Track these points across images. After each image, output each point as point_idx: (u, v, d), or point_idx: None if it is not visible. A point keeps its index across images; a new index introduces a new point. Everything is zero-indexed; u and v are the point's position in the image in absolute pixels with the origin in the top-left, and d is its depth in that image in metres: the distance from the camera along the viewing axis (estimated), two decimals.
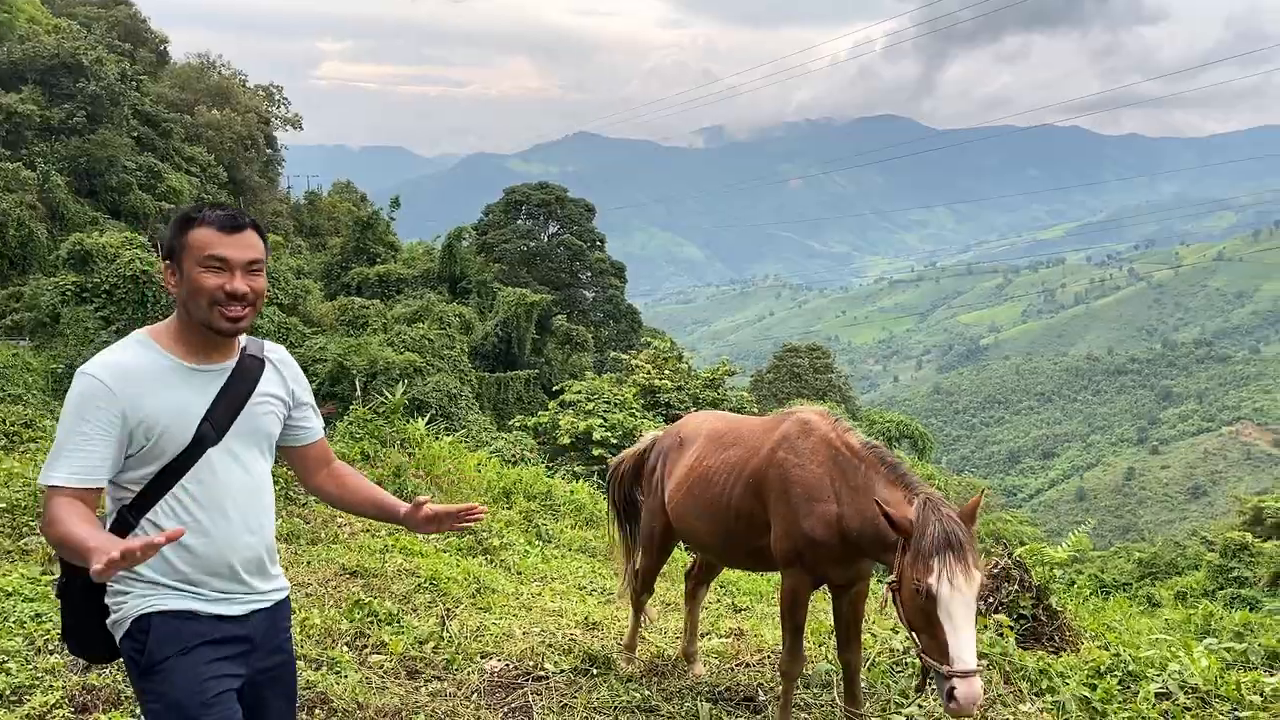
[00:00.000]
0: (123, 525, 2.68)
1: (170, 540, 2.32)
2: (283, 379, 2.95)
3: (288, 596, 2.99)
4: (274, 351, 2.97)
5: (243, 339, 2.86)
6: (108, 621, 2.74)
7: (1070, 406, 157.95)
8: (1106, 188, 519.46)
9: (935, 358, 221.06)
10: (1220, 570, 28.66)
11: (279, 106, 55.83)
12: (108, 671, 4.44)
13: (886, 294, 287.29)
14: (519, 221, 50.94)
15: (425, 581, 6.51)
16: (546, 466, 15.85)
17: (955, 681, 3.45)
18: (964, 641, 3.49)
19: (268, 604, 2.88)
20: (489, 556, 7.87)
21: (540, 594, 6.92)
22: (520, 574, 7.60)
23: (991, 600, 6.13)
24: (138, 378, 2.63)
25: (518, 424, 29.64)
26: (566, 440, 22.93)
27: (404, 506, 3.06)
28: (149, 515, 2.69)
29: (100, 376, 2.59)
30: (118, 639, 2.74)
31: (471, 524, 3.12)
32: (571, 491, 13.01)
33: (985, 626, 5.61)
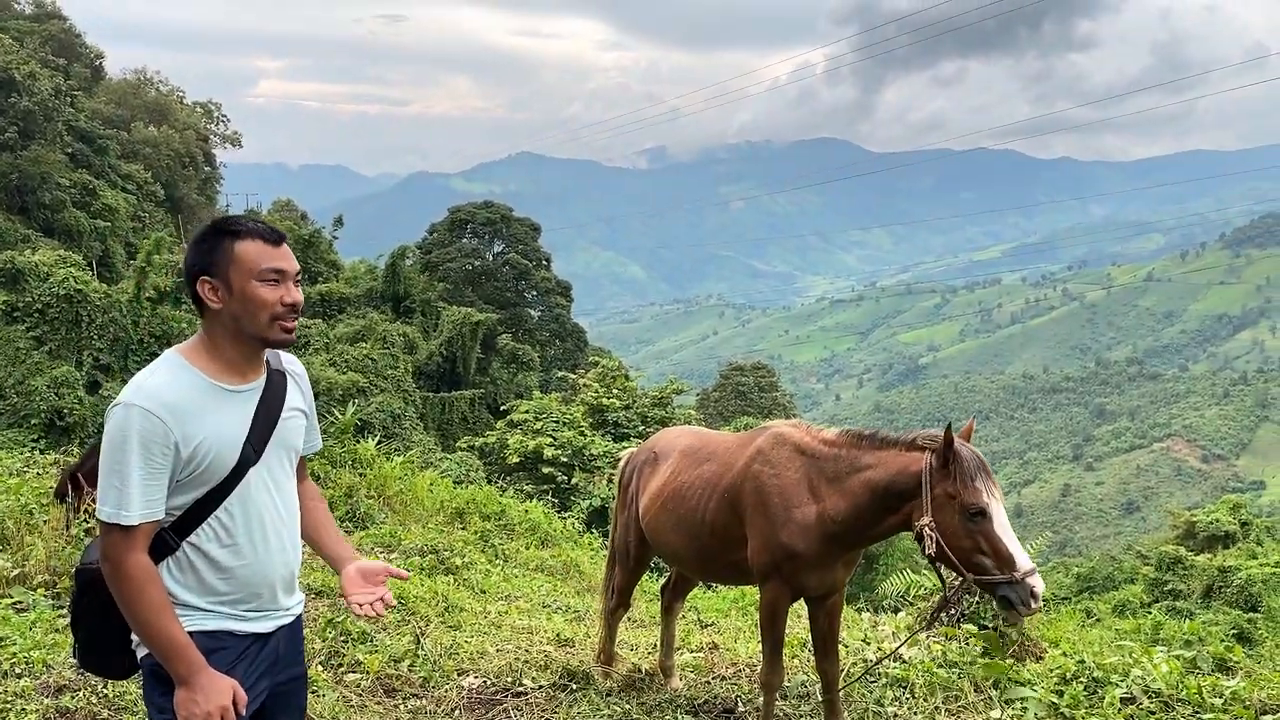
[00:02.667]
0: (162, 547, 2.64)
1: None
2: (301, 391, 2.95)
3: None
4: (290, 363, 2.95)
5: (264, 352, 2.83)
6: (134, 639, 2.70)
7: (1008, 424, 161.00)
8: (1039, 209, 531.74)
9: (876, 376, 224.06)
10: (1156, 583, 29.35)
11: (217, 124, 55.16)
12: (80, 694, 4.33)
13: (828, 313, 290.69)
14: (464, 240, 50.71)
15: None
16: (499, 487, 15.74)
17: (1032, 579, 3.74)
18: (1018, 543, 3.79)
19: (290, 619, 2.88)
20: (453, 576, 7.82)
21: (507, 612, 6.89)
22: (484, 592, 7.57)
23: (954, 612, 6.23)
24: (185, 406, 2.59)
25: (464, 444, 29.45)
26: (515, 459, 22.85)
27: (348, 562, 2.97)
28: (191, 538, 2.66)
29: (153, 409, 2.53)
30: (140, 656, 2.71)
31: (382, 610, 2.93)
32: (526, 511, 12.95)
33: (953, 637, 5.71)
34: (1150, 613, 24.19)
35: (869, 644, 5.73)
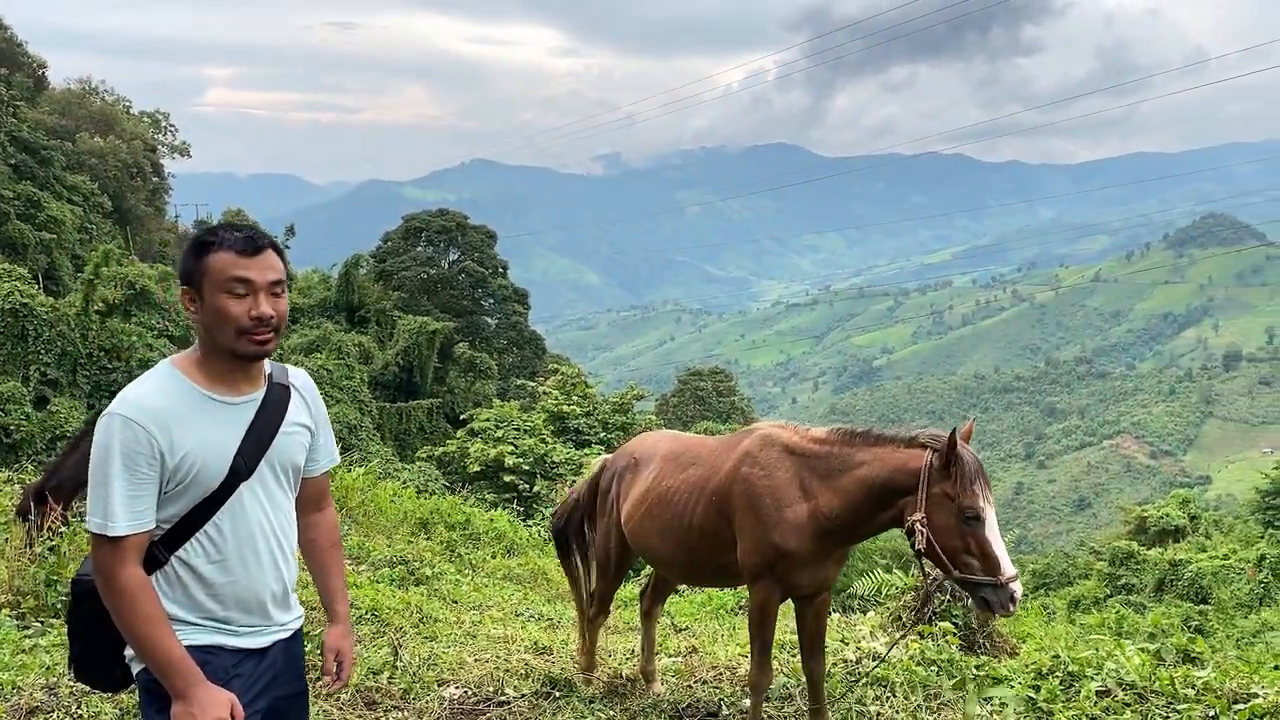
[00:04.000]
0: (150, 561, 2.59)
1: None
2: (307, 406, 2.88)
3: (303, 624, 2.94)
4: (297, 377, 2.89)
5: (267, 365, 2.78)
6: (127, 654, 2.65)
7: (961, 424, 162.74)
8: (988, 212, 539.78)
9: (831, 379, 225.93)
10: (1110, 578, 29.87)
11: (165, 134, 54.32)
12: (53, 715, 4.23)
13: (783, 317, 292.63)
14: (419, 249, 50.30)
15: (366, 612, 6.39)
16: (463, 497, 15.65)
17: (1014, 585, 3.85)
18: (1004, 547, 3.90)
19: (288, 634, 2.83)
20: (424, 586, 7.75)
21: (481, 621, 6.84)
22: (456, 602, 7.51)
23: (925, 610, 6.28)
24: (172, 416, 2.54)
25: (423, 454, 29.22)
26: (476, 468, 22.71)
27: (337, 617, 3.02)
28: (179, 552, 2.61)
29: (135, 418, 2.49)
30: (135, 670, 2.66)
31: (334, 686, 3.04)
32: (491, 520, 12.89)
33: (929, 635, 5.76)
34: (1105, 607, 24.62)
35: (846, 644, 5.77)
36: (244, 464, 2.64)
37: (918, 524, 3.94)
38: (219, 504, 2.61)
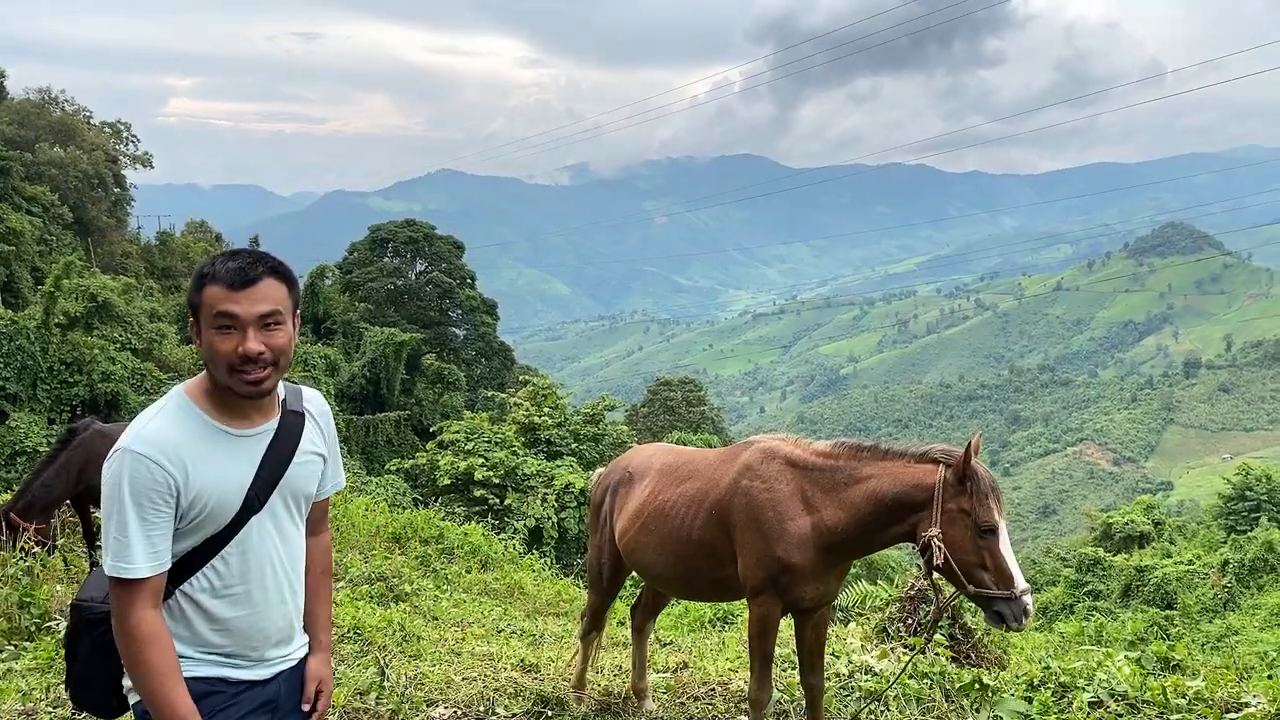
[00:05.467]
0: None
1: None
2: (321, 431, 2.80)
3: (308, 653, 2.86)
4: (312, 402, 2.80)
5: (281, 389, 2.68)
6: (125, 683, 2.56)
7: (926, 432, 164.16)
8: (952, 222, 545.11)
9: (799, 388, 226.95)
10: (1077, 584, 30.16)
11: (127, 144, 53.49)
12: None
13: (751, 327, 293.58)
14: (385, 259, 50.00)
15: (349, 631, 6.28)
16: (436, 511, 15.48)
17: (1026, 598, 3.89)
18: (1017, 564, 3.93)
19: (293, 663, 2.76)
20: (404, 603, 7.64)
21: (464, 638, 6.75)
22: (437, 619, 7.41)
23: (911, 621, 6.27)
24: (186, 451, 2.45)
25: (392, 467, 28.96)
26: (446, 481, 22.49)
27: (320, 645, 2.90)
28: (184, 586, 2.53)
29: (151, 455, 2.40)
30: (132, 702, 2.58)
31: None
32: (465, 534, 12.76)
33: (918, 648, 5.74)
34: (1075, 614, 24.84)
35: (838, 657, 5.74)
36: (256, 497, 2.56)
37: (934, 540, 3.93)
38: (228, 538, 2.53)
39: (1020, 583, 3.87)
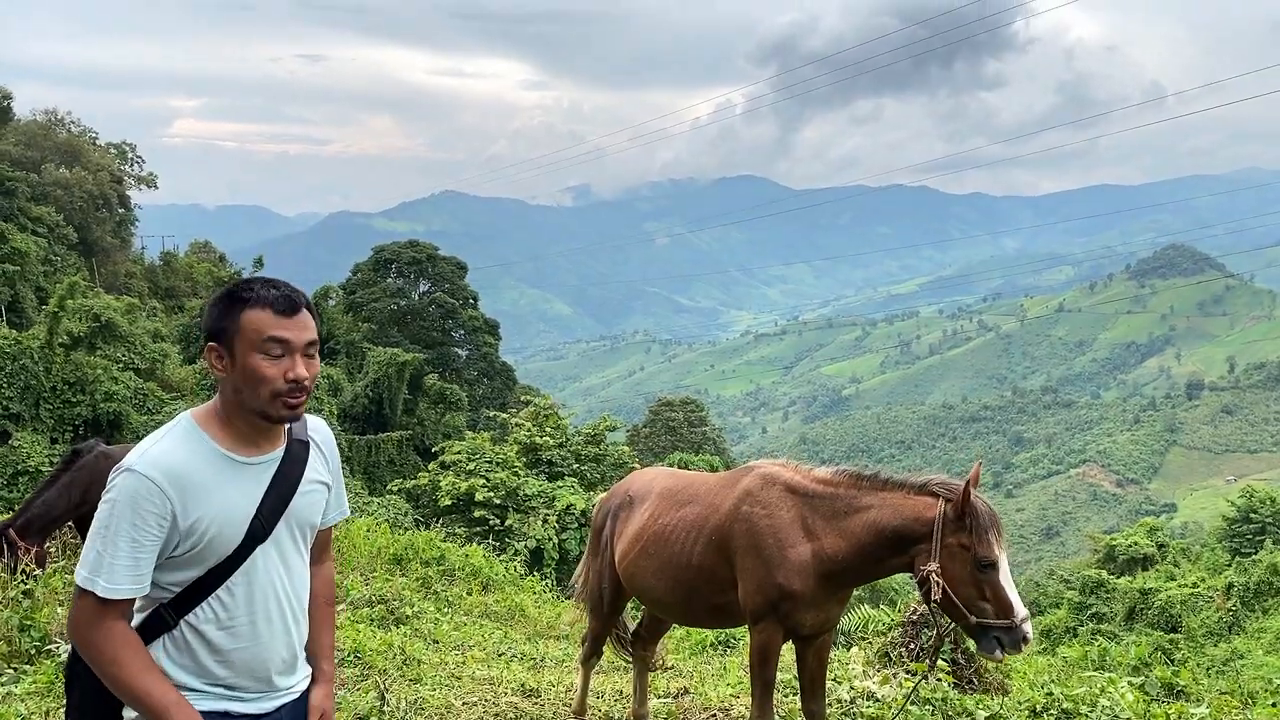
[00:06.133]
0: (159, 624, 2.50)
1: None
2: (326, 461, 2.79)
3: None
4: (317, 431, 2.79)
5: None
6: (128, 713, 2.53)
7: (929, 453, 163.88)
8: (953, 244, 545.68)
9: (801, 408, 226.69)
10: (1081, 607, 30.01)
11: (132, 165, 53.79)
12: None
13: (752, 347, 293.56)
14: (389, 280, 50.15)
15: (349, 655, 6.25)
16: (438, 532, 15.42)
17: (1026, 625, 3.88)
18: (1017, 593, 3.91)
19: (295, 696, 2.73)
20: (404, 626, 7.61)
21: (464, 662, 6.72)
22: (437, 642, 7.38)
23: (913, 646, 6.24)
24: (190, 477, 2.44)
25: (393, 488, 28.91)
26: (448, 502, 22.44)
27: (323, 675, 2.87)
28: (189, 617, 2.51)
29: (153, 477, 2.39)
30: None
31: None
32: (466, 555, 12.73)
33: (920, 674, 5.71)
34: (1079, 637, 24.68)
35: (840, 683, 5.71)
36: (261, 527, 2.55)
37: (933, 575, 3.92)
38: (233, 568, 2.51)
39: (1020, 611, 3.86)
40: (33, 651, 5.67)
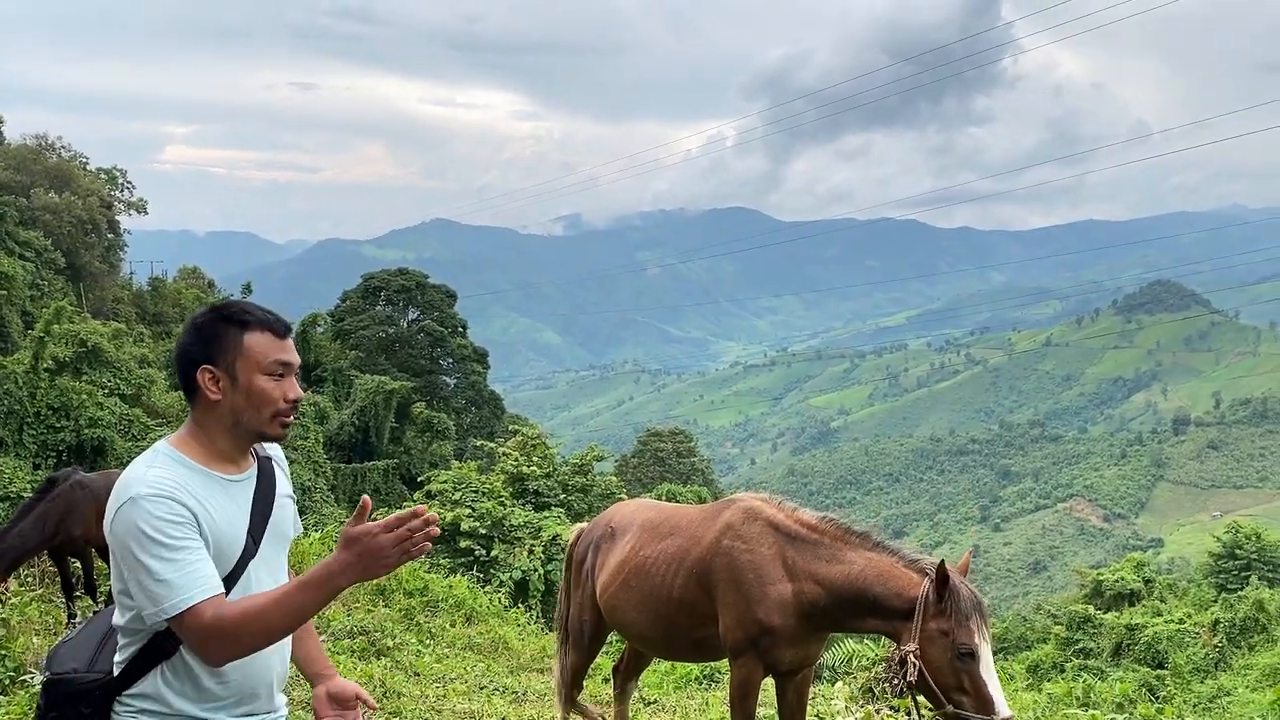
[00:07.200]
0: (156, 653, 2.47)
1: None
2: (286, 477, 2.84)
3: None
4: (274, 449, 2.84)
5: None
6: None
7: (917, 486, 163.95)
8: (942, 277, 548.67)
9: (789, 440, 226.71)
10: (1067, 642, 29.93)
11: (122, 190, 53.73)
12: None
13: (742, 378, 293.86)
14: (378, 307, 50.14)
15: None
16: (421, 562, 15.31)
17: None
18: (999, 688, 3.78)
19: (283, 716, 2.76)
20: (385, 658, 7.55)
21: (445, 695, 6.66)
22: (419, 674, 7.32)
23: (897, 683, 6.20)
24: (193, 495, 2.45)
25: (379, 517, 28.73)
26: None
27: (322, 680, 2.88)
28: None
29: (168, 493, 2.39)
30: None
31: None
32: (450, 586, 12.65)
33: (902, 709, 5.69)
34: (1064, 672, 24.60)
35: (822, 719, 5.67)
36: (253, 541, 2.58)
37: (911, 656, 3.85)
38: (232, 584, 2.51)
39: (1001, 709, 3.73)
40: (7, 681, 5.59)
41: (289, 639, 2.73)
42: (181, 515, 2.38)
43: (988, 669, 3.76)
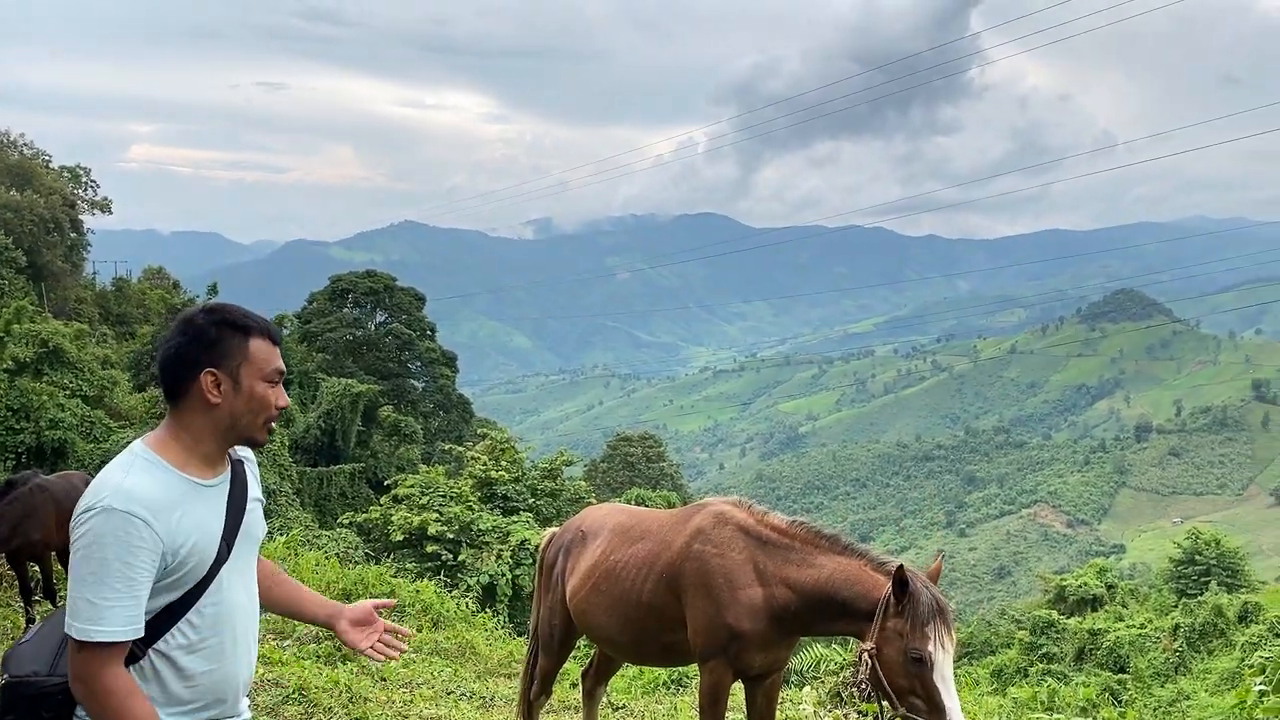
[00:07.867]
0: (127, 657, 2.43)
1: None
2: (256, 479, 2.83)
3: None
4: (245, 451, 2.82)
5: None
6: None
7: (884, 491, 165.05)
8: (909, 285, 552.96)
9: (758, 445, 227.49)
10: (1031, 647, 30.19)
11: (86, 189, 53.08)
12: None
13: (711, 383, 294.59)
14: (345, 310, 49.73)
15: (293, 692, 6.12)
16: (388, 566, 15.21)
17: None
18: (955, 697, 3.72)
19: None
20: (351, 663, 7.47)
21: (412, 700, 6.61)
22: (385, 680, 7.26)
23: (861, 683, 6.22)
24: (167, 509, 2.42)
25: (345, 521, 28.52)
26: (400, 537, 22.18)
27: (338, 618, 2.94)
28: (160, 645, 2.47)
29: (135, 512, 2.35)
30: None
31: (395, 643, 3.02)
32: (417, 591, 12.56)
33: (870, 713, 5.70)
34: (1028, 676, 24.83)
35: None
36: (226, 546, 2.57)
37: (866, 654, 3.85)
38: (204, 590, 2.51)
39: (957, 715, 3.68)
40: None
41: (254, 644, 2.73)
42: (143, 541, 2.34)
43: (942, 676, 3.71)
